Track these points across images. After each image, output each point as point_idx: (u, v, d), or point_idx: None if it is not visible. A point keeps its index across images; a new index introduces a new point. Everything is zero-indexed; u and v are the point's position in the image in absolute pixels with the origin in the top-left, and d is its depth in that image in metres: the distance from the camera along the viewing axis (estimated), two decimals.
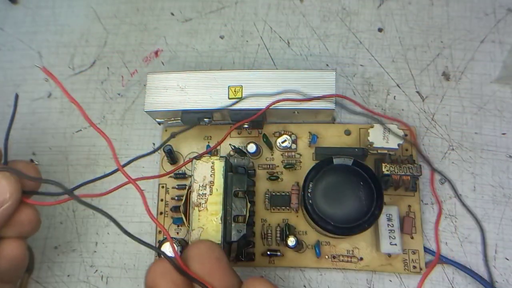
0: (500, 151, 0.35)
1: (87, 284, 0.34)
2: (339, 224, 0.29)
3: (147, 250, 0.35)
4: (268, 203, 0.34)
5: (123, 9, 0.42)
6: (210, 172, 0.29)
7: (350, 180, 0.30)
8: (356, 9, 0.39)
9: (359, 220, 0.29)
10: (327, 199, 0.30)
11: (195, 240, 0.28)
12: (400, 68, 0.37)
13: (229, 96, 0.33)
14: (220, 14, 0.41)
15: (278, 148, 0.35)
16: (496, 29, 0.38)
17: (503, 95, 0.36)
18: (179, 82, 0.33)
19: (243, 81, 0.33)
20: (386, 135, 0.32)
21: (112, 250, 0.35)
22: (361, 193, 0.30)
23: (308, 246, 0.33)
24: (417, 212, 0.33)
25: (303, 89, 0.32)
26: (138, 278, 0.34)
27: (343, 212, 0.29)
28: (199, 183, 0.29)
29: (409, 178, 0.32)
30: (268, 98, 0.32)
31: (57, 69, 0.40)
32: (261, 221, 0.34)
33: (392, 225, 0.32)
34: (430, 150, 0.35)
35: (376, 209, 0.29)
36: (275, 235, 0.33)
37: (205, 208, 0.29)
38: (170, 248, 0.29)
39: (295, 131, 0.35)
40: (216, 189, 0.29)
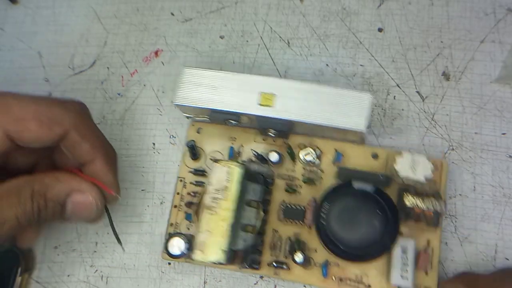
0: (500, 151, 0.35)
1: (87, 284, 0.34)
2: (348, 249, 0.29)
3: (147, 250, 0.35)
4: (282, 214, 0.33)
5: (123, 9, 0.42)
6: (226, 177, 0.29)
7: (367, 206, 0.29)
8: (356, 9, 0.39)
9: (369, 249, 0.29)
10: (340, 222, 0.29)
11: (200, 241, 0.28)
12: (400, 68, 0.37)
13: (260, 102, 0.32)
14: (220, 14, 0.41)
15: (301, 161, 0.34)
16: (496, 29, 0.38)
17: (503, 95, 0.36)
18: (213, 80, 0.33)
19: (275, 89, 0.32)
20: (414, 166, 0.31)
21: (112, 250, 0.35)
22: (376, 222, 0.29)
23: (316, 264, 0.32)
24: (435, 248, 0.32)
25: (334, 107, 0.32)
26: (138, 278, 0.34)
27: (355, 237, 0.29)
28: (214, 186, 0.29)
29: (431, 214, 0.31)
30: (298, 110, 0.32)
31: (57, 69, 0.40)
32: (272, 231, 0.33)
33: (406, 258, 0.30)
34: (430, 150, 0.35)
35: (389, 241, 0.29)
36: (284, 247, 0.33)
37: (216, 212, 0.28)
38: (178, 243, 0.30)
39: (321, 146, 0.34)
40: (230, 195, 0.29)
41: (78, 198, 0.29)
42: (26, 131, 0.25)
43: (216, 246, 0.28)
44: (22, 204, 0.27)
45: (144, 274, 0.34)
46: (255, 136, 0.35)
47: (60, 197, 0.28)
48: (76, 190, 0.28)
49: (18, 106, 0.25)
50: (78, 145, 0.27)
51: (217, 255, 0.28)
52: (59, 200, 0.28)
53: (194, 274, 0.34)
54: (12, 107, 0.25)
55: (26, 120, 0.25)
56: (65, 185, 0.28)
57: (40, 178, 0.28)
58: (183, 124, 0.38)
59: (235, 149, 0.35)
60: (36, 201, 0.27)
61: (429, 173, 0.30)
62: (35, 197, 0.27)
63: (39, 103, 0.26)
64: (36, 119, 0.26)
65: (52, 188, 0.28)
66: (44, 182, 0.28)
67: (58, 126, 0.26)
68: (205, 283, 0.34)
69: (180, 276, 0.34)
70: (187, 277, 0.34)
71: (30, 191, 0.27)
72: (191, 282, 0.34)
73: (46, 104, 0.26)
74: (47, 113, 0.26)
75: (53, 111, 0.26)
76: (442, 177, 0.33)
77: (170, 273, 0.34)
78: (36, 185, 0.27)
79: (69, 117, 0.27)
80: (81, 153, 0.28)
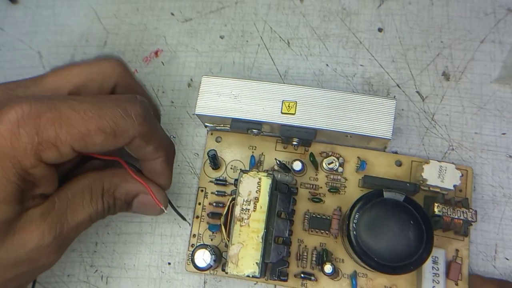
0: (500, 151, 0.35)
1: (87, 284, 0.34)
2: (383, 261, 0.28)
3: (147, 250, 0.35)
4: (307, 224, 0.33)
5: (123, 9, 0.42)
6: (256, 188, 0.29)
7: (399, 217, 0.29)
8: (356, 9, 0.39)
9: (405, 261, 0.28)
10: (372, 233, 0.28)
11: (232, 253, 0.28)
12: (400, 68, 0.37)
13: (282, 111, 0.32)
14: (220, 14, 0.41)
15: (324, 169, 0.34)
16: (496, 29, 0.38)
17: (503, 95, 0.36)
18: (233, 89, 0.33)
19: (297, 97, 0.32)
20: (442, 174, 0.30)
21: (112, 250, 0.35)
22: (410, 232, 0.28)
23: (344, 275, 0.31)
24: (464, 258, 0.31)
25: (359, 114, 0.31)
26: (138, 278, 0.34)
27: (389, 249, 0.28)
28: (243, 197, 0.29)
29: (461, 223, 0.30)
30: (321, 118, 0.31)
31: None
32: (298, 241, 0.33)
33: (437, 269, 0.30)
34: (430, 150, 0.35)
35: (425, 252, 0.28)
36: (311, 258, 0.32)
37: (247, 224, 0.28)
38: (204, 256, 0.30)
39: (343, 154, 0.34)
40: (260, 207, 0.28)
41: (144, 200, 0.29)
42: (92, 145, 0.25)
43: (250, 259, 0.28)
44: (94, 204, 0.27)
45: (144, 274, 0.34)
46: (276, 145, 0.35)
47: (128, 197, 0.29)
48: (142, 192, 0.29)
49: (81, 120, 0.24)
50: (142, 148, 0.27)
51: (251, 268, 0.27)
52: (127, 200, 0.29)
53: (194, 274, 0.34)
54: (75, 121, 0.24)
55: (91, 135, 0.25)
56: (133, 186, 0.29)
57: (109, 177, 0.28)
58: (183, 124, 0.38)
59: (256, 158, 0.35)
60: (106, 200, 0.28)
61: (457, 181, 0.30)
62: (105, 196, 0.28)
63: (101, 114, 0.25)
64: (100, 133, 0.25)
65: (121, 188, 0.29)
66: (113, 181, 0.28)
67: (123, 137, 0.26)
68: (205, 283, 0.34)
69: (180, 276, 0.34)
70: (187, 277, 0.34)
71: (101, 191, 0.28)
72: (191, 282, 0.34)
73: (109, 114, 0.25)
74: (111, 125, 0.25)
75: (117, 122, 0.25)
76: (468, 184, 0.33)
77: (170, 273, 0.34)
78: (105, 184, 0.28)
79: (134, 126, 0.26)
80: (145, 155, 0.28)
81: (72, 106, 0.25)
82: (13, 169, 0.23)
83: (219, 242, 0.33)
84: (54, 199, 0.26)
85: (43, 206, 0.26)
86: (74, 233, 0.27)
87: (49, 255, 0.26)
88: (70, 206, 0.26)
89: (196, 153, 0.37)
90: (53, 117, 0.24)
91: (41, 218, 0.25)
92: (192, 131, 0.38)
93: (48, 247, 0.25)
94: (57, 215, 0.26)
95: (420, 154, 0.35)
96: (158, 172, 0.29)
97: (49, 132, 0.24)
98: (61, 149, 0.24)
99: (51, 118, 0.24)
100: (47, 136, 0.24)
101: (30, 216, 0.25)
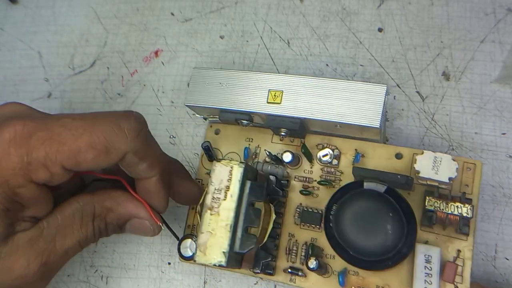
0: (500, 151, 0.35)
1: (87, 284, 0.34)
2: (359, 255, 0.27)
3: (147, 250, 0.35)
4: (298, 217, 0.32)
5: (123, 9, 0.42)
6: (227, 177, 0.28)
7: (378, 208, 0.27)
8: (356, 9, 0.39)
9: (382, 256, 0.26)
10: (350, 225, 0.27)
11: (201, 242, 0.27)
12: (400, 68, 0.37)
13: (268, 100, 0.31)
14: (220, 14, 0.41)
15: (318, 162, 0.32)
16: (496, 29, 0.38)
17: (503, 95, 0.36)
18: (222, 79, 0.33)
19: (284, 86, 0.31)
20: (436, 165, 0.28)
21: (112, 250, 0.35)
22: (388, 225, 0.27)
23: (334, 272, 0.30)
24: (466, 260, 0.29)
25: (346, 101, 0.30)
26: (138, 278, 0.34)
27: (366, 243, 0.27)
28: (215, 185, 0.28)
29: (457, 219, 0.28)
30: (307, 107, 0.31)
31: (57, 69, 0.40)
32: (288, 235, 0.32)
33: (430, 268, 0.27)
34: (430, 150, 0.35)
35: (404, 247, 0.26)
36: (300, 253, 0.31)
37: (217, 213, 0.27)
38: (190, 245, 0.30)
39: (340, 146, 0.32)
40: (230, 195, 0.28)
41: (137, 224, 0.28)
42: (83, 163, 0.24)
43: (217, 248, 0.27)
44: (85, 229, 0.27)
45: (144, 274, 0.34)
46: (272, 137, 0.34)
47: (120, 221, 0.28)
48: (135, 217, 0.28)
49: (71, 137, 0.24)
50: (136, 165, 0.26)
51: (218, 257, 0.27)
52: (119, 224, 0.28)
53: (194, 274, 0.34)
54: (65, 139, 0.24)
55: (81, 152, 0.24)
56: (125, 210, 0.28)
57: (100, 201, 0.27)
58: (183, 124, 0.38)
59: (251, 150, 0.34)
60: (97, 225, 0.27)
61: (453, 173, 0.28)
62: (96, 221, 0.27)
63: (93, 130, 0.24)
64: (91, 150, 0.24)
65: (112, 212, 0.28)
66: (105, 205, 0.27)
67: (115, 153, 0.25)
68: (205, 283, 0.34)
69: (180, 276, 0.34)
70: (187, 277, 0.34)
71: (91, 215, 0.27)
72: (191, 282, 0.34)
73: (101, 129, 0.24)
74: (103, 141, 0.24)
75: (108, 138, 0.24)
76: (475, 179, 0.30)
77: (170, 273, 0.34)
78: (97, 208, 0.27)
79: (125, 141, 0.25)
80: (138, 173, 0.27)
81: (64, 124, 0.24)
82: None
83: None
84: (43, 224, 0.25)
85: (31, 231, 0.25)
86: (62, 260, 0.26)
87: (34, 284, 0.25)
88: (59, 232, 0.26)
89: (196, 153, 0.37)
90: (43, 136, 0.23)
91: (28, 245, 0.24)
92: (192, 131, 0.38)
93: (33, 275, 0.25)
94: (45, 241, 0.25)
95: None
96: (151, 192, 0.28)
97: (38, 152, 0.23)
98: (51, 169, 0.24)
99: (41, 137, 0.23)
100: (36, 155, 0.23)
101: (16, 242, 0.24)
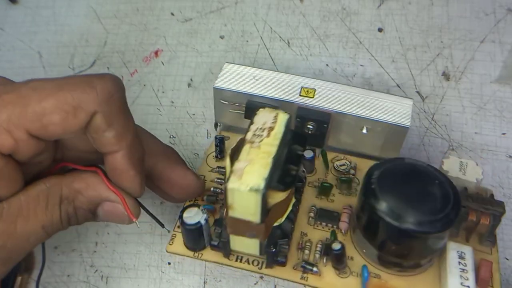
0: (500, 151, 0.35)
1: (87, 284, 0.34)
2: (410, 219, 0.24)
3: (147, 250, 0.35)
4: (313, 218, 0.30)
5: (123, 9, 0.42)
6: (272, 119, 0.26)
7: (423, 176, 0.26)
8: (356, 9, 0.39)
9: (432, 216, 0.24)
10: (394, 192, 0.25)
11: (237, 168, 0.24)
12: (400, 68, 0.37)
13: (300, 94, 0.32)
14: (220, 14, 0.41)
15: (335, 170, 0.32)
16: (496, 29, 0.38)
17: (503, 95, 0.36)
18: (254, 74, 0.33)
19: (316, 86, 0.32)
20: (463, 168, 0.29)
21: (112, 250, 0.35)
22: (436, 190, 0.25)
23: (353, 273, 0.28)
24: (495, 271, 0.27)
25: (377, 106, 0.31)
26: (138, 278, 0.34)
27: (412, 206, 0.25)
28: (257, 125, 0.26)
29: (488, 219, 0.27)
30: (339, 104, 0.31)
31: (57, 69, 0.40)
32: (301, 234, 0.30)
33: (465, 265, 0.26)
34: (430, 150, 0.35)
35: (452, 213, 0.25)
36: (315, 249, 0.29)
37: (258, 147, 0.25)
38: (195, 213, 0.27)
39: (357, 162, 0.32)
40: (275, 134, 0.25)
41: (109, 208, 0.26)
42: (49, 126, 0.22)
43: (256, 175, 0.24)
44: (49, 213, 0.24)
45: (144, 274, 0.34)
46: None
47: (91, 205, 0.26)
48: (106, 200, 0.26)
49: (37, 98, 0.21)
50: (102, 132, 0.23)
51: (257, 181, 0.23)
52: (90, 208, 0.26)
53: (194, 274, 0.34)
54: (30, 101, 0.21)
55: (47, 113, 0.21)
56: (95, 192, 0.25)
57: (68, 182, 0.25)
58: (183, 124, 0.38)
59: None
60: (64, 209, 0.25)
61: (479, 175, 0.29)
62: (63, 204, 0.25)
63: (61, 89, 0.22)
64: (58, 110, 0.22)
65: (81, 196, 0.25)
66: (73, 187, 0.25)
67: (83, 113, 0.22)
68: (205, 283, 0.34)
69: (180, 276, 0.34)
70: (187, 277, 0.34)
71: (58, 198, 0.24)
72: (191, 282, 0.34)
73: (69, 88, 0.22)
74: (70, 100, 0.22)
75: (77, 96, 0.22)
76: None
77: (170, 273, 0.34)
78: (64, 190, 0.25)
79: (95, 100, 0.22)
80: (104, 142, 0.24)
81: (33, 87, 0.22)
82: None
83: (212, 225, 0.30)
84: (2, 204, 0.23)
85: None
86: (24, 245, 0.24)
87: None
88: (20, 214, 0.23)
89: (196, 153, 0.37)
90: (7, 99, 0.21)
91: None
92: (192, 131, 0.38)
93: None
94: (4, 223, 0.23)
95: (420, 155, 0.35)
96: (119, 170, 0.25)
97: (0, 115, 0.21)
98: (14, 134, 0.21)
99: (5, 99, 0.21)
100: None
101: None
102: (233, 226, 0.25)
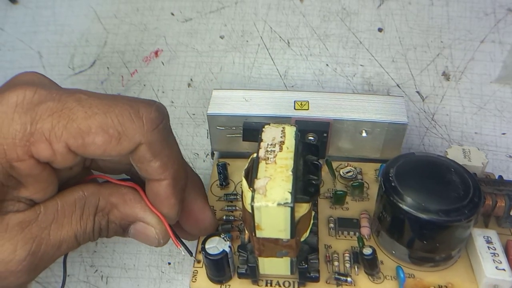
0: (500, 151, 0.35)
1: (87, 284, 0.34)
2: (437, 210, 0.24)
3: (147, 250, 0.35)
4: (334, 227, 0.30)
5: (123, 9, 0.42)
6: (280, 134, 0.26)
7: (440, 167, 0.26)
8: (356, 9, 0.39)
9: (458, 203, 0.24)
10: (416, 186, 0.25)
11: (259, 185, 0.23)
12: (400, 68, 0.37)
13: (295, 108, 0.32)
14: (220, 14, 0.41)
15: (342, 178, 0.32)
16: (496, 29, 0.38)
17: (503, 95, 0.36)
18: (244, 95, 0.33)
19: (309, 99, 0.32)
20: (467, 154, 0.29)
21: (112, 250, 0.35)
22: (454, 178, 0.25)
23: (387, 276, 0.27)
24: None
25: (371, 105, 0.31)
26: (138, 278, 0.34)
27: (436, 197, 0.25)
28: (267, 142, 0.26)
29: (504, 200, 0.27)
30: (335, 111, 0.31)
31: (57, 69, 0.40)
32: (325, 246, 0.29)
33: (494, 248, 0.26)
34: (430, 150, 0.35)
35: (475, 197, 0.24)
36: (343, 259, 0.28)
37: (274, 162, 0.24)
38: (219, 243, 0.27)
39: (360, 167, 0.33)
40: (287, 147, 0.25)
41: (142, 229, 0.25)
42: (91, 146, 0.21)
43: (280, 189, 0.23)
44: (84, 222, 0.24)
45: (144, 274, 0.34)
46: None
47: (124, 222, 0.25)
48: (141, 220, 0.25)
49: (83, 115, 0.21)
50: (148, 162, 0.23)
51: (283, 196, 0.23)
52: (123, 225, 0.25)
53: None
54: (76, 116, 0.21)
55: (91, 133, 0.21)
56: (131, 210, 0.25)
57: (106, 194, 0.25)
58: (183, 124, 0.38)
59: None
60: (98, 220, 0.24)
61: (484, 159, 0.29)
62: (98, 215, 0.24)
63: (108, 110, 0.22)
64: (102, 132, 0.21)
65: (116, 210, 0.25)
66: (110, 200, 0.25)
67: (128, 142, 0.22)
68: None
69: (180, 276, 0.34)
70: (187, 277, 0.34)
71: (94, 208, 0.24)
72: None
73: (117, 113, 0.22)
74: (116, 125, 0.22)
75: (123, 123, 0.22)
76: None
77: (170, 273, 0.34)
78: (101, 202, 0.24)
79: (141, 131, 0.22)
80: (149, 171, 0.24)
81: (78, 99, 0.21)
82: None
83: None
84: (39, 208, 0.23)
85: (24, 213, 0.22)
86: (54, 253, 0.23)
87: (19, 275, 0.22)
88: (56, 220, 0.23)
89: (196, 153, 0.37)
90: (53, 107, 0.21)
91: (18, 228, 0.22)
92: (192, 131, 0.38)
93: (18, 263, 0.22)
94: (38, 227, 0.22)
95: None
96: (161, 196, 0.25)
97: (44, 123, 0.21)
98: (54, 145, 0.21)
99: (51, 107, 0.21)
100: (41, 126, 0.21)
101: (5, 223, 0.22)
102: (262, 248, 0.25)
